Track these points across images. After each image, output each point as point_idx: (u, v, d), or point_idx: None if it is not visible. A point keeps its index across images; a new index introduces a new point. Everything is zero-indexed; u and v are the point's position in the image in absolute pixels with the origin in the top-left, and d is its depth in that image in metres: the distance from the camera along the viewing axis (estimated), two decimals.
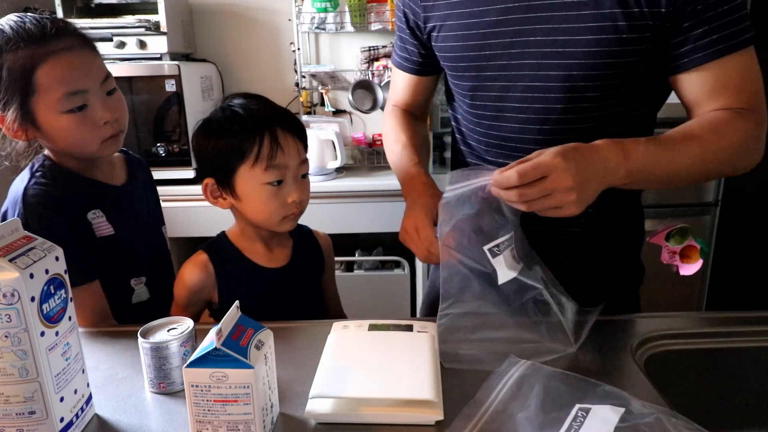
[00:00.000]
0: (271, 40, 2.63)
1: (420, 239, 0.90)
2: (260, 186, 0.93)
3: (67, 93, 0.88)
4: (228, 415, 0.60)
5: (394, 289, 2.39)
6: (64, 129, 0.90)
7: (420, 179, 1.01)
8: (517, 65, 0.89)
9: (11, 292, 0.56)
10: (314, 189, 2.38)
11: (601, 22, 0.82)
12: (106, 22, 2.19)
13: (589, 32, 0.82)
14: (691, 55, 0.82)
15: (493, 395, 0.68)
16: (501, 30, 0.88)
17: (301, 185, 0.97)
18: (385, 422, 0.66)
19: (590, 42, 0.83)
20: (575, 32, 0.83)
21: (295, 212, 0.98)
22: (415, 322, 0.81)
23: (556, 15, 0.84)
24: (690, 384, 0.86)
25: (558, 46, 0.85)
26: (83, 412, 0.67)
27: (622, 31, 0.81)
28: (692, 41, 0.81)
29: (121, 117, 0.97)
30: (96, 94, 0.91)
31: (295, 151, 0.95)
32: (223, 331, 0.60)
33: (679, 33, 0.81)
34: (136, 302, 1.02)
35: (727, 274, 2.44)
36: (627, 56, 0.83)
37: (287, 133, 0.94)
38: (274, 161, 0.92)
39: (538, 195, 0.71)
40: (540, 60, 0.87)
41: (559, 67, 0.86)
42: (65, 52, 0.88)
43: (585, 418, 0.62)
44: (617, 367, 0.77)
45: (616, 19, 0.81)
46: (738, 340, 0.87)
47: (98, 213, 0.97)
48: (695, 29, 0.80)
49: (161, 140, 2.20)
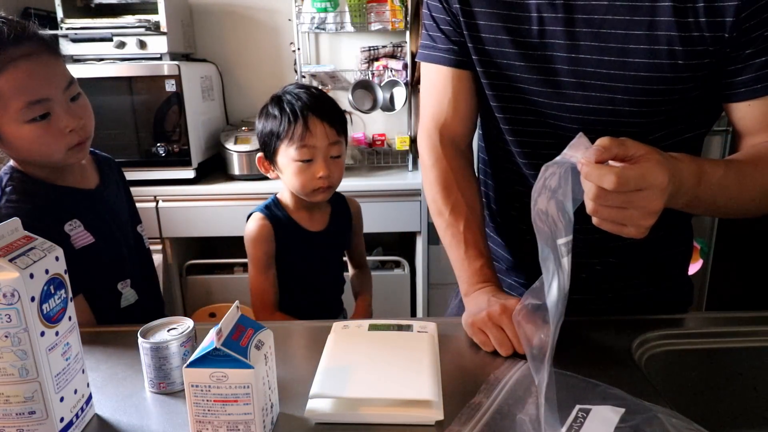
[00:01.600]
0: (271, 40, 2.63)
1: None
2: (293, 162, 1.13)
3: (29, 102, 0.84)
4: (228, 415, 0.60)
5: (394, 289, 2.40)
6: (27, 139, 0.87)
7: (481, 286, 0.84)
8: (555, 82, 0.82)
9: (11, 292, 0.56)
10: None
11: (655, 45, 0.75)
12: (106, 22, 2.19)
13: (641, 55, 0.76)
14: (751, 85, 0.76)
15: (493, 395, 0.68)
16: (542, 42, 0.81)
17: (331, 164, 1.15)
18: (385, 422, 0.66)
19: (640, 66, 0.76)
20: (624, 54, 0.77)
21: (323, 186, 1.15)
22: (415, 322, 0.81)
23: (604, 33, 0.77)
24: (690, 384, 0.86)
25: (603, 67, 0.78)
26: (83, 412, 0.67)
27: (677, 57, 0.75)
28: (753, 70, 0.75)
29: (87, 123, 0.93)
30: (59, 102, 0.88)
31: (323, 134, 1.13)
32: (223, 331, 0.60)
33: (740, 60, 0.75)
34: (125, 306, 1.02)
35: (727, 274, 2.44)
36: (679, 83, 0.77)
37: (318, 119, 1.12)
38: (303, 142, 1.12)
39: (617, 204, 0.60)
40: (582, 80, 0.80)
41: (603, 89, 0.79)
42: (24, 59, 0.84)
43: (585, 419, 0.62)
44: (617, 367, 0.76)
45: (672, 43, 0.74)
46: (738, 340, 0.87)
47: (75, 223, 0.94)
48: (758, 57, 0.74)
49: (161, 140, 2.20)
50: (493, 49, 0.85)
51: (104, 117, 2.15)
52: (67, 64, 0.93)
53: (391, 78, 2.51)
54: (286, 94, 1.16)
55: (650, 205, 0.60)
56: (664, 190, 0.60)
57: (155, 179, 2.20)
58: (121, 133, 2.20)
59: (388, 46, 2.55)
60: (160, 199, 2.21)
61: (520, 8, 0.82)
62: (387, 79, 2.52)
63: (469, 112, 0.94)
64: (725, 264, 2.41)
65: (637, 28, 0.75)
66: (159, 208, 2.21)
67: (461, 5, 0.86)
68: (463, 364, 0.78)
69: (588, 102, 0.81)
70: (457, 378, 0.74)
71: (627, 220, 0.61)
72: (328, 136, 1.14)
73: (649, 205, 0.60)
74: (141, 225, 1.13)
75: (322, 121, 1.13)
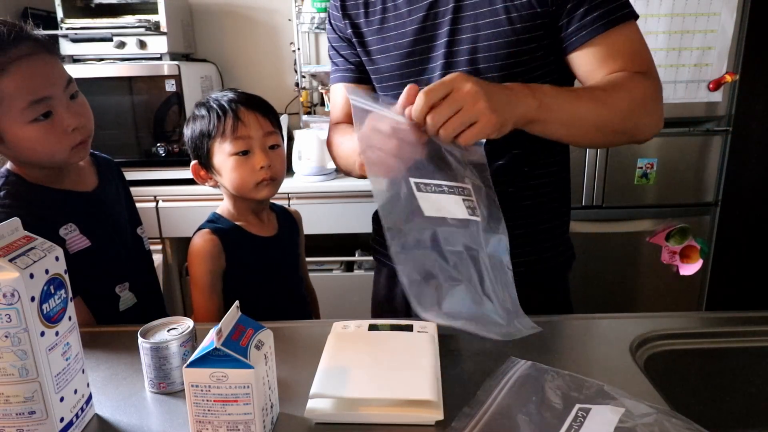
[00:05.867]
0: (271, 40, 2.63)
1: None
2: (229, 157, 1.05)
3: (32, 101, 0.85)
4: (228, 415, 0.60)
5: None
6: (31, 140, 0.87)
7: None
8: (430, 68, 0.97)
9: (11, 292, 0.56)
10: (314, 189, 2.40)
11: (495, 17, 0.91)
12: (106, 22, 2.19)
13: (489, 27, 0.91)
14: (578, 33, 0.89)
15: (493, 395, 0.68)
16: (419, 37, 0.97)
17: (270, 154, 1.08)
18: (385, 422, 0.66)
19: (489, 36, 0.91)
20: (477, 29, 0.92)
21: (266, 177, 1.07)
22: (415, 322, 0.81)
23: (459, 16, 0.93)
24: (690, 384, 0.86)
25: (464, 44, 0.93)
26: (83, 412, 0.67)
27: (514, 23, 0.90)
28: (577, 20, 0.88)
29: (88, 122, 0.93)
30: (60, 100, 0.88)
31: (257, 125, 1.06)
32: (223, 331, 0.60)
33: (564, 15, 0.89)
34: (124, 309, 1.01)
35: (727, 274, 2.44)
36: (523, 44, 0.90)
37: (249, 110, 1.06)
38: (237, 134, 1.05)
39: (448, 112, 0.70)
40: (448, 59, 0.94)
41: (467, 63, 0.93)
42: (25, 59, 0.85)
43: (585, 418, 0.62)
44: (617, 367, 0.77)
45: (509, 11, 0.90)
46: (738, 340, 0.87)
47: (71, 227, 0.94)
48: (577, 9, 0.88)
49: (161, 140, 2.20)
50: (376, 48, 1.02)
51: (104, 117, 2.15)
52: (68, 64, 0.94)
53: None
54: (211, 96, 1.10)
55: (468, 90, 0.70)
56: (468, 78, 0.71)
57: (155, 179, 2.20)
58: (121, 133, 2.20)
59: None
60: (160, 199, 2.21)
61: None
62: None
63: None
64: (725, 264, 2.41)
65: (479, 7, 0.92)
66: (159, 208, 2.21)
67: (353, 29, 1.04)
68: (463, 364, 0.78)
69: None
70: (457, 378, 0.74)
71: (470, 116, 0.70)
72: (262, 126, 1.07)
73: (467, 90, 0.70)
74: (141, 227, 1.12)
75: (253, 112, 1.07)
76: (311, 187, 2.25)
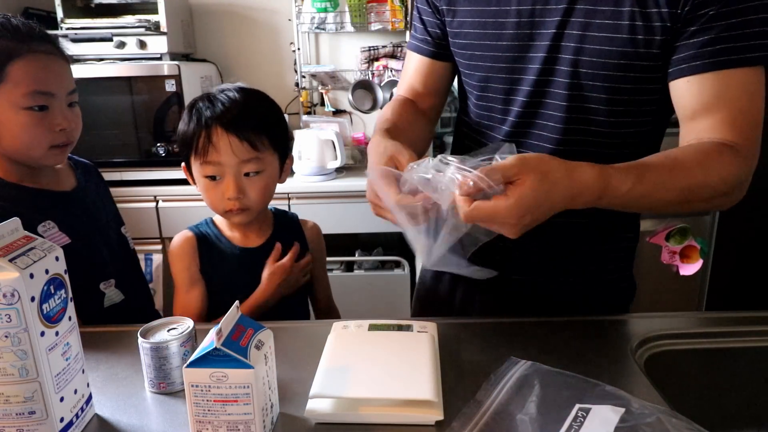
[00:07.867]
0: (271, 40, 2.63)
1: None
2: (201, 177, 1.01)
3: (35, 91, 0.89)
4: (228, 415, 0.60)
5: (394, 289, 2.39)
6: (18, 125, 0.89)
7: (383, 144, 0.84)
8: (526, 58, 0.86)
9: (11, 292, 0.56)
10: (314, 189, 2.41)
11: (618, 20, 0.78)
12: (106, 22, 2.19)
13: (605, 29, 0.79)
14: (689, 61, 0.77)
15: (493, 395, 0.68)
16: (513, 21, 0.85)
17: (245, 183, 0.99)
18: (385, 422, 0.66)
19: (603, 40, 0.79)
20: (589, 28, 0.80)
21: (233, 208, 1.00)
22: (415, 322, 0.81)
23: (569, 7, 0.81)
24: (690, 384, 0.86)
25: (571, 41, 0.82)
26: (83, 412, 0.67)
27: (637, 32, 0.78)
28: (694, 47, 0.76)
29: (75, 130, 0.97)
30: (60, 101, 0.93)
31: (228, 151, 0.96)
32: (223, 331, 0.60)
33: (684, 37, 0.77)
34: (109, 305, 1.02)
35: (727, 274, 2.44)
36: (638, 59, 0.79)
37: (227, 132, 0.96)
38: (207, 158, 0.97)
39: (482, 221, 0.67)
40: (548, 54, 0.84)
41: (569, 63, 0.82)
42: (44, 54, 0.91)
43: (585, 418, 0.62)
44: (617, 367, 0.77)
45: (634, 18, 0.77)
46: (738, 340, 0.87)
47: (49, 224, 0.95)
48: (700, 36, 0.75)
49: (161, 140, 2.20)
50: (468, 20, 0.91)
51: (104, 117, 2.15)
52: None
53: (391, 78, 2.51)
54: (208, 96, 1.01)
55: (504, 230, 0.67)
56: (515, 225, 0.66)
57: (155, 179, 2.20)
58: (121, 133, 2.20)
59: (388, 46, 2.55)
60: (160, 199, 2.21)
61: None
62: (387, 79, 2.52)
63: (437, 92, 1.04)
64: (725, 264, 2.41)
65: (602, 3, 0.79)
66: (159, 208, 2.20)
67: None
68: (463, 364, 0.78)
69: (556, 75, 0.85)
70: (457, 378, 0.74)
71: (495, 228, 0.68)
72: (235, 152, 0.95)
73: (502, 229, 0.67)
74: (124, 226, 1.15)
75: (228, 134, 0.95)
76: (311, 187, 2.25)
